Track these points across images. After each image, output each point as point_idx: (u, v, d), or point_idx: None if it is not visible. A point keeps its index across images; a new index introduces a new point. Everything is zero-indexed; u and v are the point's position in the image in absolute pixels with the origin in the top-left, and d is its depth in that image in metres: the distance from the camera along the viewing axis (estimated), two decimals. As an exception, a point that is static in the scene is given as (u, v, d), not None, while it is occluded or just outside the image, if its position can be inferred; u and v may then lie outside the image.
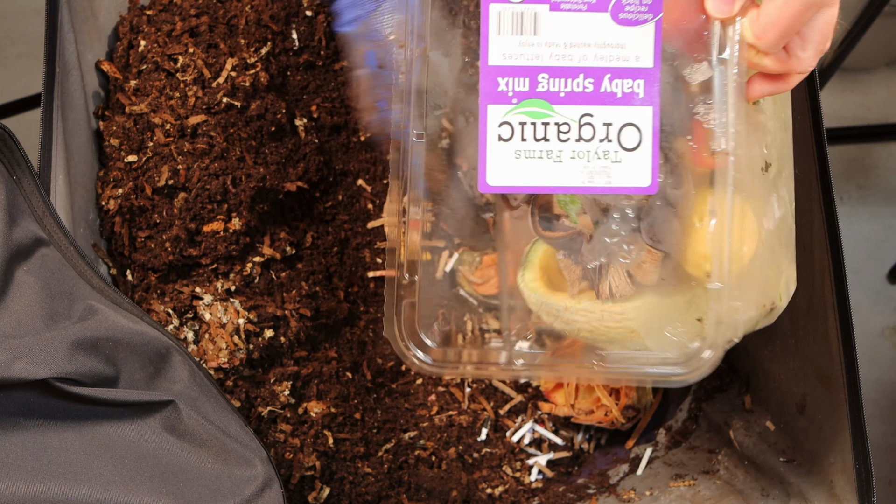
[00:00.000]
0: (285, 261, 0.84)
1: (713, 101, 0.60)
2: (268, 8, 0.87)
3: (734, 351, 0.91)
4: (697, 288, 0.63)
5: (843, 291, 0.69)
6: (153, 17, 0.85)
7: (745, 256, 0.62)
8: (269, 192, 0.82)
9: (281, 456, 0.79)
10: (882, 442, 1.31)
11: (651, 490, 0.82)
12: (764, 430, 0.81)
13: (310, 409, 0.81)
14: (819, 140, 0.72)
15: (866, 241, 1.42)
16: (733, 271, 0.60)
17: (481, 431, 0.87)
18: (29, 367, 0.54)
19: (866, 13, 1.11)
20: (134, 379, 0.61)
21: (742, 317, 0.61)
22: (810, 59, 0.58)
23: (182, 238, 0.79)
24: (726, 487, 0.79)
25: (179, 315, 0.80)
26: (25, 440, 0.55)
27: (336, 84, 0.89)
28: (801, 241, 0.76)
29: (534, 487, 0.86)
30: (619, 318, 0.63)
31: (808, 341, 0.76)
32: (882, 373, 1.34)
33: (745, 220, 0.62)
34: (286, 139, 0.84)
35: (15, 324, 0.58)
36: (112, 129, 0.81)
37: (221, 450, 0.60)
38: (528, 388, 0.89)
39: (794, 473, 0.75)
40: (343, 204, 0.89)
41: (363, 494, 0.81)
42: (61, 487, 0.54)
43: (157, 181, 0.79)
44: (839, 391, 0.69)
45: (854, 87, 1.50)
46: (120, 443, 0.57)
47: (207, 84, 0.81)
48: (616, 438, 0.91)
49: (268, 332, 0.81)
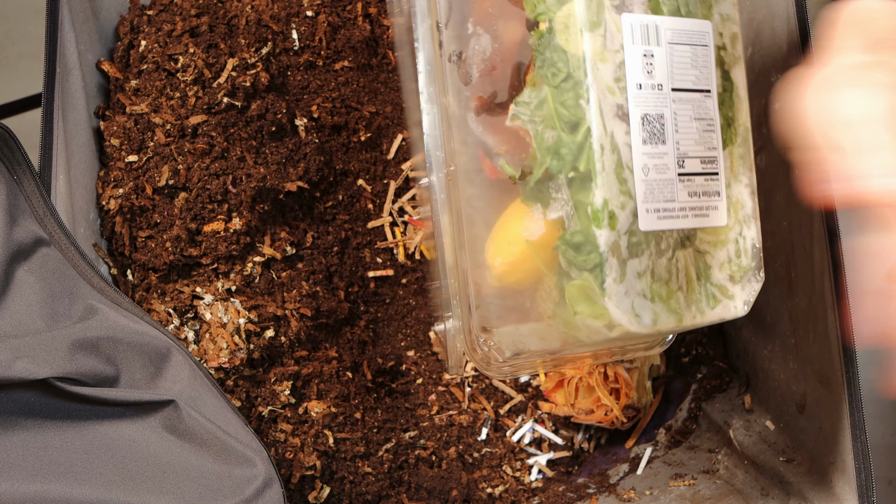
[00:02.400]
0: (286, 260, 0.84)
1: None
2: (268, 8, 0.87)
3: (734, 350, 0.92)
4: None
5: (844, 291, 0.69)
6: (153, 17, 0.85)
7: (497, 267, 0.63)
8: (269, 192, 0.82)
9: (281, 455, 0.79)
10: (882, 442, 1.31)
11: (651, 490, 0.82)
12: (764, 430, 0.81)
13: (310, 408, 0.81)
14: (819, 140, 0.72)
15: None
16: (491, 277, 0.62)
17: (481, 431, 0.87)
18: (29, 366, 0.55)
19: (866, 13, 1.11)
20: (134, 378, 0.61)
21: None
22: None
23: (182, 238, 0.79)
24: (726, 487, 0.79)
25: (180, 315, 0.80)
26: (26, 440, 0.55)
27: (336, 84, 0.89)
28: (801, 241, 0.77)
29: (534, 487, 0.86)
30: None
31: (808, 341, 0.76)
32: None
33: (501, 230, 0.63)
34: (286, 139, 0.84)
35: (16, 323, 0.58)
36: (112, 128, 0.81)
37: (222, 449, 0.60)
38: (528, 388, 0.89)
39: (794, 473, 0.75)
40: (343, 204, 0.89)
41: (363, 494, 0.81)
42: (62, 487, 0.54)
43: (157, 181, 0.79)
44: (839, 391, 0.69)
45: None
46: (120, 442, 0.57)
47: (208, 84, 0.81)
48: (616, 438, 0.91)
49: (268, 331, 0.81)
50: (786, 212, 0.79)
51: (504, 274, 0.63)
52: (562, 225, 0.58)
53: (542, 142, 0.58)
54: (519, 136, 0.60)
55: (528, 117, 0.59)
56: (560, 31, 0.57)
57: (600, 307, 0.57)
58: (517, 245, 0.61)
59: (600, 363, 0.77)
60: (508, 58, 0.62)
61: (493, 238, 0.64)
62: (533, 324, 0.62)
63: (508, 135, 0.61)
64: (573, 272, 0.57)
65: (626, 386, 0.86)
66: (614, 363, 0.87)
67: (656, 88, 0.58)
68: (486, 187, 0.65)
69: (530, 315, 0.63)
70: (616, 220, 0.56)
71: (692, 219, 0.60)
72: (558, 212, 0.58)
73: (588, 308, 0.57)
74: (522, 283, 0.63)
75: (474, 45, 0.64)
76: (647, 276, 0.58)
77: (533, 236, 0.60)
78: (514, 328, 0.64)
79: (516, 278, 0.63)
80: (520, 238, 0.61)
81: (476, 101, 0.64)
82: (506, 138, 0.61)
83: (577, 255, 0.57)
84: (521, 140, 0.60)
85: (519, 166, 0.60)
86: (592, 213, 0.56)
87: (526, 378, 0.89)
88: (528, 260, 0.61)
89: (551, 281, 0.59)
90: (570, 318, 0.59)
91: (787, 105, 0.52)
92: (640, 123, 0.57)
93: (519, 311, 0.64)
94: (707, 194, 0.61)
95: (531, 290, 0.62)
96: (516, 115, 0.59)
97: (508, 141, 0.61)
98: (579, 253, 0.57)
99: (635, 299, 0.57)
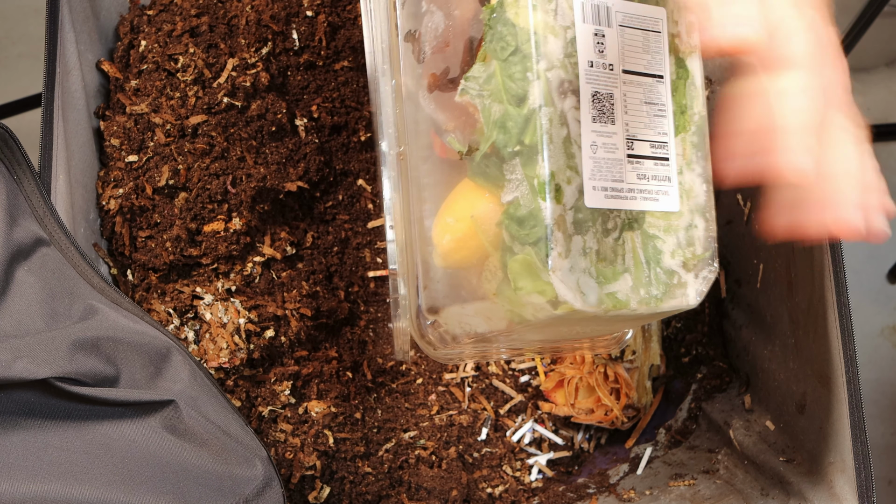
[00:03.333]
0: (286, 260, 0.84)
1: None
2: (268, 8, 0.87)
3: (734, 350, 0.92)
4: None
5: (843, 291, 0.69)
6: (153, 17, 0.85)
7: (444, 245, 0.63)
8: (269, 192, 0.82)
9: (281, 455, 0.79)
10: (882, 442, 1.31)
11: (651, 489, 0.82)
12: (764, 430, 0.81)
13: (310, 408, 0.81)
14: (819, 140, 0.72)
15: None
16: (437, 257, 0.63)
17: (481, 431, 0.87)
18: (29, 366, 0.55)
19: (866, 13, 1.11)
20: (134, 378, 0.61)
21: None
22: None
23: (182, 238, 0.79)
24: (726, 487, 0.79)
25: (180, 315, 0.80)
26: (26, 440, 0.55)
27: (336, 84, 0.89)
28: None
29: (534, 487, 0.86)
30: None
31: (807, 341, 0.76)
32: (882, 373, 1.34)
33: (448, 208, 0.63)
34: (286, 139, 0.84)
35: (15, 323, 0.58)
36: (112, 128, 0.81)
37: (222, 449, 0.60)
38: (528, 388, 0.89)
39: (794, 473, 0.75)
40: (343, 204, 0.89)
41: (363, 494, 0.81)
42: (62, 487, 0.54)
43: (157, 181, 0.79)
44: (839, 391, 0.69)
45: (854, 87, 1.50)
46: (120, 442, 0.57)
47: (208, 84, 0.81)
48: (616, 438, 0.91)
49: (268, 331, 0.81)
50: (786, 212, 0.79)
51: (450, 252, 0.63)
52: (507, 201, 0.58)
53: (490, 116, 0.59)
54: (468, 113, 0.61)
55: (477, 91, 0.59)
56: (510, 4, 0.57)
57: (543, 283, 0.56)
58: (463, 222, 0.61)
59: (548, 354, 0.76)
60: (461, 34, 0.62)
61: (440, 216, 0.64)
62: (478, 303, 0.62)
63: (458, 112, 0.62)
64: (516, 247, 0.57)
65: (626, 386, 0.86)
66: (614, 363, 0.87)
67: (607, 68, 0.59)
68: (437, 166, 0.65)
69: (476, 294, 0.62)
70: (562, 194, 0.56)
71: (641, 201, 0.60)
72: (503, 187, 0.58)
73: (530, 283, 0.57)
74: (468, 261, 0.63)
75: (427, 22, 0.64)
76: (592, 255, 0.57)
77: (478, 212, 0.60)
78: (460, 308, 0.64)
79: (462, 256, 0.63)
80: (465, 215, 0.61)
81: (429, 79, 0.64)
82: (455, 115, 0.62)
83: (521, 229, 0.57)
84: (469, 117, 0.61)
85: (467, 142, 0.60)
86: (538, 185, 0.56)
87: (526, 378, 0.89)
88: (474, 237, 0.61)
89: (495, 258, 0.59)
90: (514, 296, 0.58)
91: None
92: (590, 100, 0.58)
93: (464, 291, 0.64)
94: (657, 178, 0.61)
95: (476, 268, 0.62)
96: (465, 90, 0.60)
97: (458, 118, 0.62)
98: (522, 227, 0.57)
99: (580, 276, 0.57)
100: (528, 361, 0.89)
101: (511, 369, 0.89)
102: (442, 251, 0.64)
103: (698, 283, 0.62)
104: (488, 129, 0.58)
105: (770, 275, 0.84)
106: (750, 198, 0.88)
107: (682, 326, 0.93)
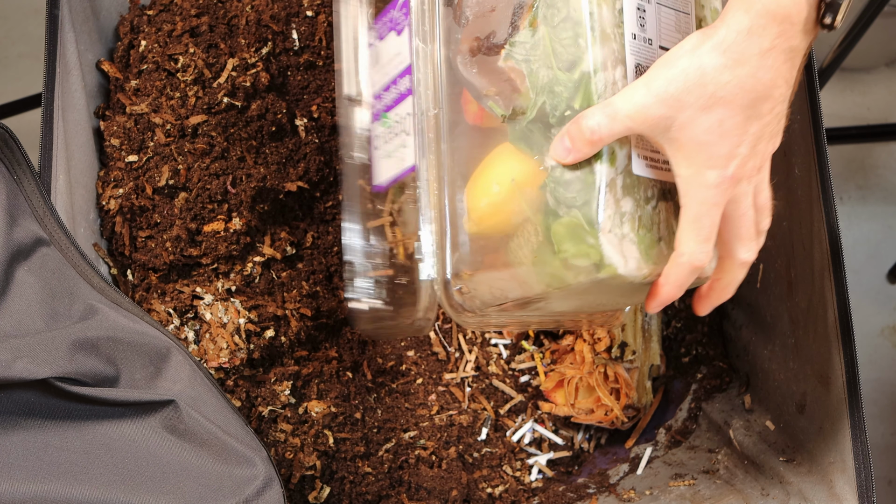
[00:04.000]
0: (286, 260, 0.84)
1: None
2: (268, 8, 0.87)
3: (734, 350, 0.92)
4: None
5: (843, 291, 0.69)
6: (153, 17, 0.85)
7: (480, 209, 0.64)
8: (269, 192, 0.82)
9: (281, 455, 0.79)
10: (882, 442, 1.31)
11: (651, 489, 0.82)
12: (764, 430, 0.81)
13: (310, 408, 0.81)
14: (819, 140, 0.72)
15: (866, 241, 1.42)
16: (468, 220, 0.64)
17: (481, 431, 0.87)
18: (30, 366, 0.55)
19: (866, 13, 1.11)
20: (134, 378, 0.61)
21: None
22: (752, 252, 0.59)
23: (182, 238, 0.79)
24: (726, 487, 0.79)
25: (180, 315, 0.80)
26: (26, 440, 0.55)
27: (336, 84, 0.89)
28: (801, 241, 0.77)
29: (534, 487, 0.86)
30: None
31: (808, 341, 0.76)
32: (882, 372, 1.34)
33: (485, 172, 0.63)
34: (286, 139, 0.84)
35: (16, 323, 0.58)
36: (113, 128, 0.81)
37: (222, 449, 0.60)
38: (528, 388, 0.89)
39: (794, 473, 0.75)
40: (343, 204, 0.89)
41: (363, 494, 0.81)
42: (62, 487, 0.54)
43: (157, 181, 0.79)
44: (839, 391, 0.69)
45: (854, 87, 1.50)
46: (120, 442, 0.57)
47: (208, 84, 0.81)
48: (616, 438, 0.91)
49: (268, 331, 0.81)
50: (786, 212, 0.79)
51: (485, 217, 0.64)
52: (553, 166, 0.58)
53: (537, 81, 0.59)
54: (509, 79, 0.61)
55: (523, 56, 0.60)
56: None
57: (587, 246, 0.57)
58: (502, 186, 0.62)
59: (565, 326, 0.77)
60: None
61: (475, 180, 0.64)
62: (515, 268, 0.63)
63: (499, 77, 0.62)
64: (561, 209, 0.58)
65: (626, 386, 0.86)
66: (614, 363, 0.87)
67: (647, 42, 0.60)
68: (466, 132, 0.66)
69: (510, 259, 0.63)
70: (616, 158, 0.57)
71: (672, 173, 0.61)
72: (547, 152, 0.59)
73: (574, 247, 0.58)
74: (502, 226, 0.63)
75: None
76: (634, 221, 0.58)
77: (519, 176, 0.61)
78: (493, 273, 0.64)
79: (496, 220, 0.63)
80: (505, 179, 0.61)
81: (473, 42, 0.64)
82: (496, 80, 0.62)
83: (568, 192, 0.57)
84: (511, 82, 0.61)
85: (508, 107, 0.61)
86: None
87: (526, 378, 0.89)
88: (512, 201, 0.61)
89: (535, 222, 0.60)
90: (553, 260, 0.59)
91: None
92: (634, 71, 0.59)
93: (497, 256, 0.64)
94: None
95: (512, 233, 0.62)
96: (510, 55, 0.60)
97: (499, 83, 0.62)
98: (569, 190, 0.57)
99: (624, 241, 0.57)
100: (528, 361, 0.89)
101: (511, 369, 0.89)
102: (476, 216, 0.64)
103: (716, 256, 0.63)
104: (535, 93, 0.59)
105: (770, 275, 0.84)
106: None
107: (682, 326, 0.93)
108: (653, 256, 0.58)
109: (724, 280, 0.60)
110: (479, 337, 0.89)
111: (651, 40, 0.60)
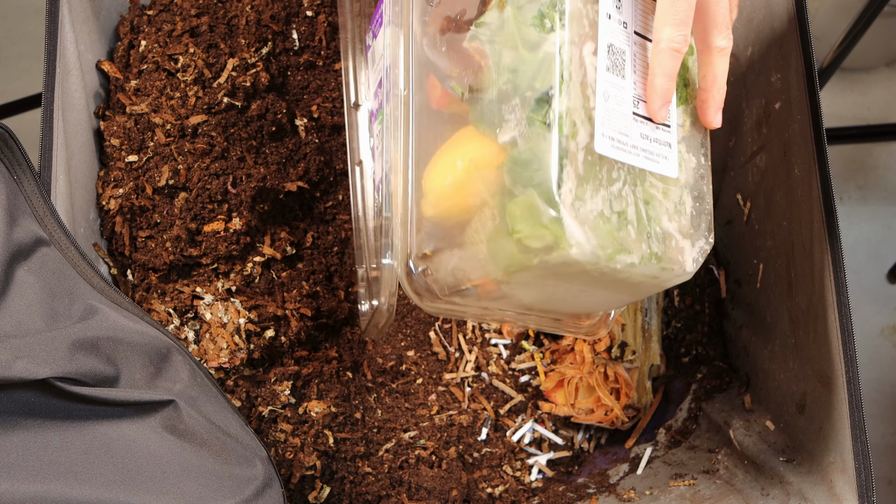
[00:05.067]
0: (286, 260, 0.84)
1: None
2: (268, 8, 0.87)
3: (734, 350, 0.92)
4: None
5: (843, 291, 0.69)
6: (153, 17, 0.85)
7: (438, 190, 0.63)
8: (269, 192, 0.82)
9: (281, 455, 0.79)
10: (882, 442, 1.31)
11: (651, 489, 0.82)
12: (764, 430, 0.81)
13: (310, 408, 0.81)
14: (819, 140, 0.72)
15: (866, 241, 1.42)
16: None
17: (481, 431, 0.87)
18: (30, 366, 0.55)
19: (866, 13, 1.11)
20: (134, 378, 0.61)
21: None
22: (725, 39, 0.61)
23: (183, 238, 0.79)
24: (726, 487, 0.79)
25: (180, 315, 0.80)
26: (26, 440, 0.55)
27: (336, 84, 0.89)
28: (800, 241, 0.77)
29: (534, 487, 0.86)
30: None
31: (807, 341, 0.76)
32: (882, 372, 1.34)
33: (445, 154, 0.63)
34: (286, 139, 0.84)
35: (16, 323, 0.58)
36: (113, 128, 0.81)
37: (222, 449, 0.60)
38: (528, 388, 0.89)
39: (794, 473, 0.75)
40: (343, 204, 0.89)
41: (363, 494, 0.81)
42: (62, 487, 0.54)
43: (157, 181, 0.79)
44: (839, 391, 0.69)
45: (854, 87, 1.50)
46: (120, 442, 0.57)
47: (208, 84, 0.81)
48: (616, 438, 0.91)
49: (268, 331, 0.81)
50: (786, 212, 0.79)
51: (442, 198, 0.63)
52: (511, 146, 0.58)
53: (500, 60, 0.59)
54: (473, 61, 0.61)
55: (488, 37, 0.60)
56: None
57: (541, 227, 0.56)
58: (460, 168, 0.61)
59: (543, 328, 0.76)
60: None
61: (434, 162, 0.64)
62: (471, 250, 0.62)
63: (461, 58, 0.62)
64: (517, 189, 0.57)
65: (626, 386, 0.86)
66: (614, 363, 0.87)
67: (622, 25, 0.60)
68: (431, 116, 0.65)
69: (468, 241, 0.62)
70: (577, 133, 0.57)
71: (643, 160, 0.60)
72: (509, 132, 0.58)
73: (528, 227, 0.56)
74: (459, 207, 0.62)
75: None
76: (597, 200, 0.57)
77: (477, 157, 0.60)
78: (454, 252, 0.64)
79: (454, 203, 0.62)
80: (464, 160, 0.61)
81: (443, 21, 0.64)
82: (459, 61, 0.62)
83: (524, 171, 0.57)
84: (474, 64, 0.61)
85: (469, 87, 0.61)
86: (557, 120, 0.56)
87: (526, 378, 0.89)
88: (470, 183, 0.61)
89: (491, 204, 0.59)
90: (508, 243, 0.58)
91: None
92: (606, 50, 0.59)
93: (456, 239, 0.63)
94: (658, 142, 0.61)
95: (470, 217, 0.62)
96: (475, 36, 0.60)
97: (461, 63, 0.62)
98: (526, 169, 0.57)
99: (587, 218, 0.56)
100: (528, 361, 0.89)
101: (511, 369, 0.89)
102: (433, 198, 0.63)
103: (694, 252, 0.62)
104: (497, 73, 0.59)
105: (770, 275, 0.84)
106: (750, 198, 0.88)
107: (682, 326, 0.93)
108: (617, 239, 0.57)
109: (709, 75, 0.62)
110: (480, 337, 0.89)
111: (626, 24, 0.60)
